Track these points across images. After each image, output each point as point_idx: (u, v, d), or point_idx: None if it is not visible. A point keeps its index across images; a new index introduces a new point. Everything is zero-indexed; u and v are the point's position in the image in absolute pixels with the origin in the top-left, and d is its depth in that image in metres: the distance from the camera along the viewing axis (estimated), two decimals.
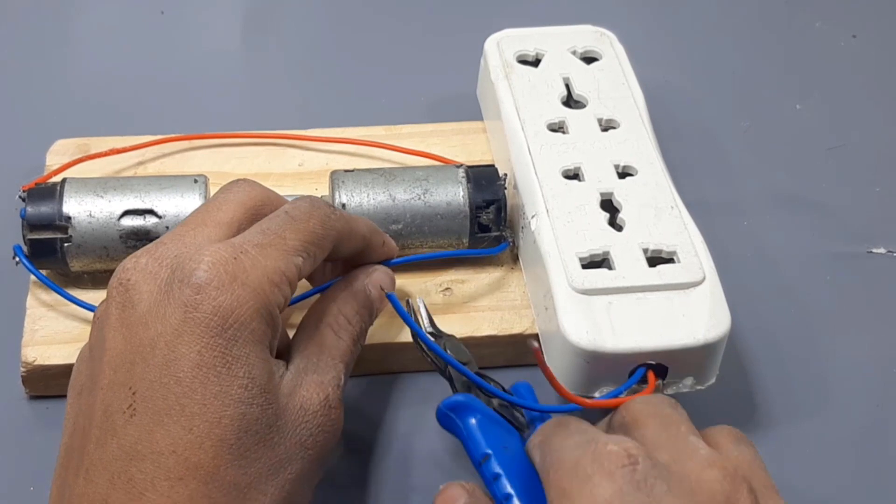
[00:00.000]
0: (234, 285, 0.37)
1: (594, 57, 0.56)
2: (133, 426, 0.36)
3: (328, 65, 0.65)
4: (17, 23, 0.66)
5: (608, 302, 0.45)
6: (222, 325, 0.36)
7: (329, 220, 0.42)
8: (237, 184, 0.42)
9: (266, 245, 0.39)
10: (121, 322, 0.37)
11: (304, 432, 0.38)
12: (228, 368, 0.36)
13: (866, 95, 0.65)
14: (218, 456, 0.35)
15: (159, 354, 0.36)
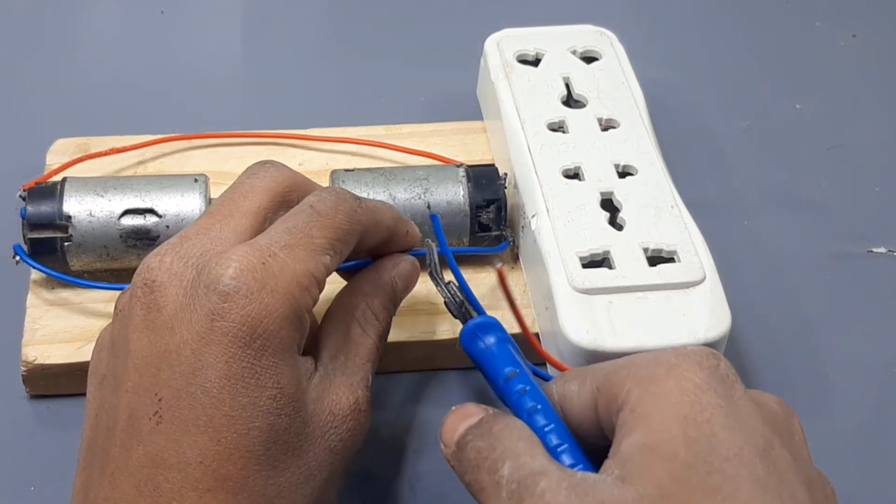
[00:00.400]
0: (262, 293, 0.36)
1: (594, 56, 0.56)
2: (159, 434, 0.35)
3: (328, 65, 0.65)
4: (17, 23, 0.66)
5: (608, 301, 0.45)
6: (251, 334, 0.35)
7: (355, 213, 0.40)
8: (263, 167, 0.41)
9: (294, 246, 0.37)
10: (145, 324, 0.36)
11: (335, 437, 0.38)
12: (257, 379, 0.35)
13: (866, 95, 0.65)
14: (246, 467, 0.35)
15: (185, 362, 0.35)
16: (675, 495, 0.31)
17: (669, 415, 0.33)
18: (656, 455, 0.32)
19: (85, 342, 0.47)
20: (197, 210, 0.49)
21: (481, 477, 0.35)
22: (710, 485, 0.31)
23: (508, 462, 0.34)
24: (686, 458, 0.32)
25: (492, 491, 0.34)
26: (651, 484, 0.32)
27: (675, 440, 0.32)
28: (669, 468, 0.32)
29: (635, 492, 0.32)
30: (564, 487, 0.32)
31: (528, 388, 0.38)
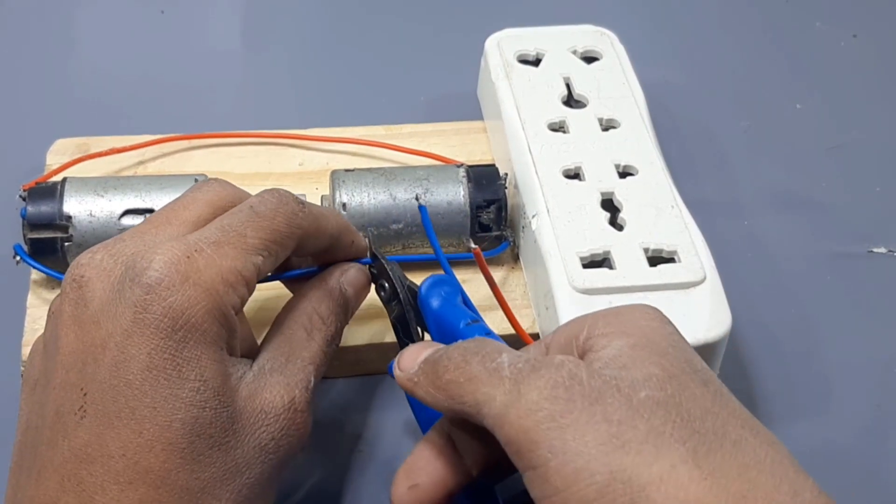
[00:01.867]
0: (185, 285, 0.36)
1: (595, 56, 0.56)
2: (83, 428, 0.35)
3: (328, 65, 0.65)
4: (18, 23, 0.66)
5: (609, 301, 0.45)
6: (172, 326, 0.35)
7: (296, 217, 0.40)
8: (208, 183, 0.41)
9: (224, 243, 0.37)
10: (73, 319, 0.36)
11: (265, 436, 0.37)
12: (179, 371, 0.35)
13: (866, 95, 0.65)
14: (168, 460, 0.35)
15: (109, 356, 0.35)
16: (677, 377, 0.33)
17: (644, 327, 0.35)
18: (648, 350, 0.34)
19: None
20: None
21: (470, 369, 0.34)
22: (700, 379, 0.34)
23: (506, 353, 0.34)
24: (675, 355, 0.34)
25: (486, 377, 0.34)
26: (654, 367, 0.33)
27: (660, 341, 0.34)
28: (663, 361, 0.34)
29: (640, 373, 0.33)
30: (580, 366, 0.33)
31: (489, 332, 0.39)
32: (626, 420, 0.31)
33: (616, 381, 0.33)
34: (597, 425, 0.31)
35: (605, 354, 0.34)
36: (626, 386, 0.32)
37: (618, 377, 0.33)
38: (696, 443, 0.31)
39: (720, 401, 0.33)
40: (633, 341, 0.34)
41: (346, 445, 0.46)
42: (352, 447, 0.46)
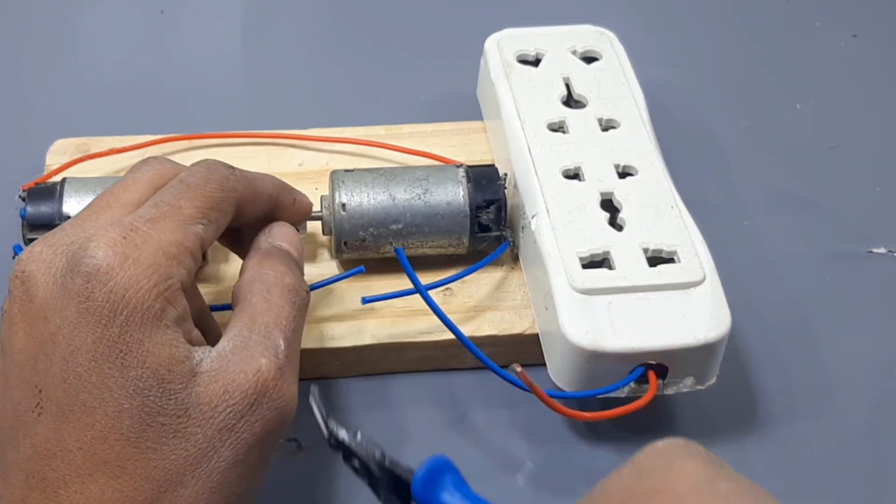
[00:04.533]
0: (124, 266, 0.35)
1: (594, 57, 0.56)
2: (42, 425, 0.35)
3: (328, 65, 0.65)
4: (18, 23, 0.66)
5: (608, 302, 0.45)
6: (114, 310, 0.35)
7: (228, 181, 0.40)
8: (147, 162, 0.41)
9: (159, 218, 0.37)
10: (21, 316, 0.36)
11: (231, 416, 0.36)
12: (122, 359, 0.35)
13: (866, 95, 0.65)
14: (123, 451, 0.34)
15: (59, 349, 0.35)
16: None
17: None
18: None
19: None
20: None
21: None
22: None
23: None
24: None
25: None
26: None
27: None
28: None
29: None
30: None
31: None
32: None
33: None
34: None
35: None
36: None
37: None
38: None
39: None
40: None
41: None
42: None
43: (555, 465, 0.47)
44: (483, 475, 0.46)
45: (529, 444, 0.47)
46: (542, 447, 0.47)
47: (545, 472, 0.47)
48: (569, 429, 0.48)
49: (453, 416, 0.48)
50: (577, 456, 0.47)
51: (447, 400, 0.48)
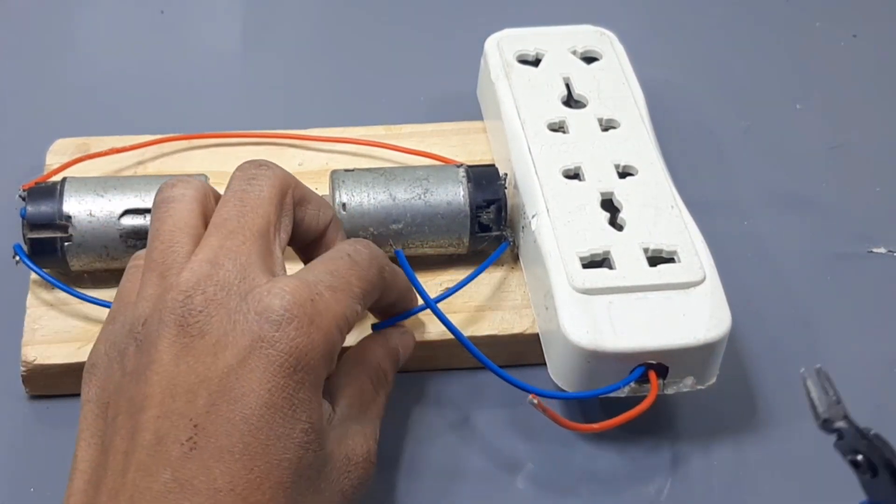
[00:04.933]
0: (311, 328, 0.36)
1: (594, 57, 0.56)
2: (191, 460, 0.35)
3: (328, 65, 0.65)
4: (18, 22, 0.66)
5: (608, 301, 0.45)
6: (294, 366, 0.36)
7: (384, 270, 0.42)
8: (260, 171, 0.41)
9: (337, 289, 0.39)
10: (184, 348, 0.36)
11: (346, 482, 0.38)
12: (294, 411, 0.36)
13: (866, 95, 0.65)
14: (273, 499, 0.35)
15: (227, 388, 0.35)
16: None
17: None
18: None
19: (85, 342, 0.47)
20: None
21: None
22: None
23: None
24: None
25: None
26: None
27: None
28: None
29: None
30: None
31: None
32: None
33: None
34: None
35: None
36: None
37: None
38: None
39: None
40: None
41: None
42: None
43: (555, 465, 0.47)
44: (483, 475, 0.46)
45: (529, 445, 0.47)
46: (542, 447, 0.47)
47: (545, 473, 0.47)
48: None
49: (453, 416, 0.48)
50: (577, 456, 0.47)
51: (447, 400, 0.48)
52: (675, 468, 0.47)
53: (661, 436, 0.48)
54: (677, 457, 0.47)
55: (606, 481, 0.46)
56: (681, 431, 0.48)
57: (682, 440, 0.48)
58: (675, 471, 0.47)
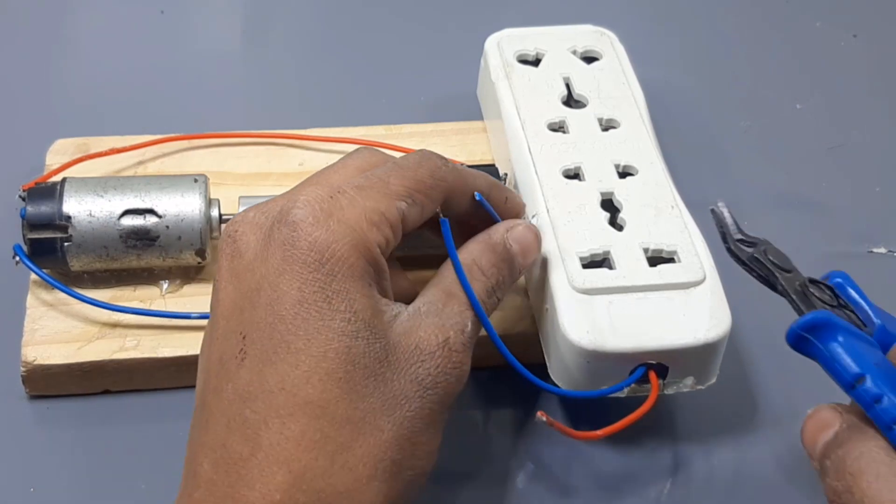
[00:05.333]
0: (329, 221, 0.37)
1: (594, 57, 0.56)
2: (245, 369, 0.36)
3: (328, 65, 0.65)
4: (17, 23, 0.66)
5: (609, 301, 0.45)
6: (319, 259, 0.37)
7: (439, 170, 0.41)
8: (359, 151, 0.43)
9: (366, 187, 0.39)
10: (230, 272, 0.38)
11: (421, 371, 0.38)
12: (329, 303, 0.36)
13: (866, 95, 0.65)
14: (326, 390, 0.35)
15: (264, 296, 0.37)
16: None
17: None
18: None
19: (84, 343, 0.47)
20: (197, 210, 0.48)
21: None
22: None
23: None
24: None
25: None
26: None
27: None
28: None
29: None
30: None
31: (882, 395, 0.35)
32: None
33: None
34: None
35: None
36: None
37: None
38: None
39: None
40: None
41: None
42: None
43: (555, 464, 0.47)
44: (483, 475, 0.46)
45: (530, 444, 0.47)
46: (542, 447, 0.47)
47: (546, 473, 0.47)
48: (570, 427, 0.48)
49: (454, 416, 0.48)
50: (577, 456, 0.47)
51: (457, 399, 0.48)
52: (676, 468, 0.47)
53: (661, 435, 0.48)
54: (678, 456, 0.47)
55: (607, 481, 0.46)
56: (681, 431, 0.48)
57: (682, 440, 0.48)
58: (675, 470, 0.47)
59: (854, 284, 0.40)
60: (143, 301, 0.49)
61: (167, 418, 0.47)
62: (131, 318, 0.48)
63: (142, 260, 0.49)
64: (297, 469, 0.35)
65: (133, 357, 0.47)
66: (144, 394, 0.48)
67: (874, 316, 0.39)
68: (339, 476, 0.35)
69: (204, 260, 0.49)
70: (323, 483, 0.35)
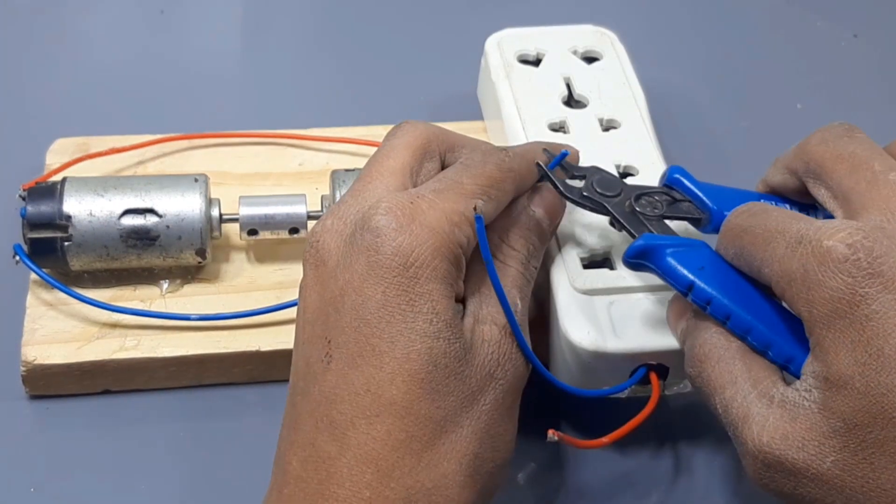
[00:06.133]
0: (412, 226, 0.38)
1: (595, 57, 0.56)
2: (331, 372, 0.37)
3: (328, 65, 0.65)
4: (18, 22, 0.66)
5: (609, 302, 0.45)
6: (403, 264, 0.37)
7: (504, 162, 0.42)
8: (401, 127, 0.43)
9: (443, 190, 0.40)
10: (315, 280, 0.39)
11: (491, 363, 0.39)
12: (412, 305, 0.37)
13: (867, 95, 0.65)
14: (410, 391, 0.36)
15: (349, 301, 0.37)
16: (860, 426, 0.34)
17: (840, 346, 0.35)
18: (836, 389, 0.34)
19: (84, 342, 0.47)
20: (197, 210, 0.48)
21: (704, 393, 0.39)
22: (886, 405, 0.34)
23: (718, 392, 0.38)
24: (860, 388, 0.34)
25: (713, 409, 0.39)
26: (838, 418, 0.34)
27: (849, 370, 0.34)
28: (849, 401, 0.34)
29: (828, 425, 0.34)
30: (771, 418, 0.36)
31: (710, 297, 0.39)
32: None
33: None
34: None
35: (812, 363, 0.36)
36: None
37: (806, 435, 0.36)
38: None
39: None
40: (828, 373, 0.35)
41: None
42: None
43: (556, 464, 0.47)
44: None
45: (530, 444, 0.47)
46: (542, 447, 0.47)
47: (545, 472, 0.47)
48: (570, 428, 0.48)
49: None
50: (578, 455, 0.47)
51: None
52: (677, 468, 0.47)
53: (661, 436, 0.48)
54: (678, 456, 0.47)
55: (607, 481, 0.46)
56: (680, 431, 0.48)
57: (682, 440, 0.48)
58: (676, 470, 0.47)
59: (691, 177, 0.44)
60: (143, 301, 0.49)
61: (167, 418, 0.47)
62: (131, 318, 0.48)
63: (142, 260, 0.49)
64: (385, 467, 0.36)
65: (133, 357, 0.47)
66: (144, 394, 0.48)
67: (710, 202, 0.43)
68: (426, 473, 0.36)
69: (204, 260, 0.49)
70: (410, 480, 0.36)
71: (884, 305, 0.34)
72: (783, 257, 0.36)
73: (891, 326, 0.34)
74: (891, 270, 0.34)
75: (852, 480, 0.34)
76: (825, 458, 0.35)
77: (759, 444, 0.36)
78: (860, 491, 0.34)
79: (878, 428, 0.34)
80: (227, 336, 0.48)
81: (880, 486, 0.34)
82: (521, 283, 0.42)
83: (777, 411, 0.36)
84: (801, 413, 0.35)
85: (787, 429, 0.35)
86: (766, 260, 0.37)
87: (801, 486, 0.35)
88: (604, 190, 0.44)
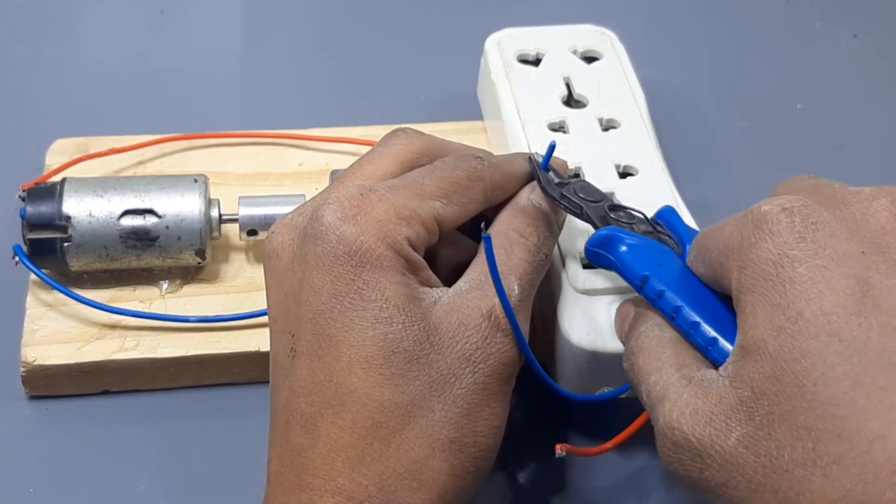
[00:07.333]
0: (358, 217, 0.38)
1: (595, 56, 0.56)
2: (296, 366, 0.37)
3: (328, 65, 0.65)
4: (18, 22, 0.66)
5: (609, 302, 0.45)
6: (348, 252, 0.37)
7: (474, 170, 0.41)
8: (396, 135, 0.43)
9: (398, 187, 0.39)
10: (272, 275, 0.40)
11: (468, 346, 0.38)
12: (360, 294, 0.37)
13: (867, 95, 0.65)
14: (369, 378, 0.36)
15: (304, 294, 0.38)
16: (767, 395, 0.32)
17: (759, 309, 0.33)
18: (749, 356, 0.33)
19: (84, 343, 0.47)
20: (197, 210, 0.48)
21: (634, 383, 0.38)
22: (798, 372, 0.31)
23: (645, 378, 0.37)
24: (773, 352, 0.32)
25: (640, 397, 0.37)
26: (746, 387, 0.33)
27: (763, 334, 0.32)
28: (760, 367, 0.32)
29: (736, 396, 0.33)
30: (685, 395, 0.34)
31: (662, 290, 0.38)
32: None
33: None
34: None
35: (736, 342, 0.35)
36: None
37: (714, 409, 0.34)
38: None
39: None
40: (743, 340, 0.34)
41: None
42: None
43: (555, 465, 0.47)
44: None
45: (530, 444, 0.47)
46: (542, 447, 0.47)
47: (545, 472, 0.47)
48: (570, 428, 0.48)
49: None
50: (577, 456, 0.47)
51: None
52: None
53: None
54: None
55: (607, 481, 0.46)
56: None
57: None
58: None
59: (677, 217, 0.44)
60: (142, 301, 0.49)
61: (167, 418, 0.47)
62: (131, 319, 0.48)
63: (142, 260, 0.49)
64: (355, 455, 0.36)
65: (133, 357, 0.47)
66: (144, 394, 0.48)
67: (687, 242, 0.42)
68: (397, 458, 0.36)
69: (204, 260, 0.49)
70: (382, 466, 0.36)
71: (811, 270, 0.32)
72: (729, 234, 0.35)
73: (814, 292, 0.32)
74: (824, 240, 0.33)
75: (755, 459, 0.32)
76: (730, 433, 0.32)
77: (668, 420, 0.34)
78: (762, 472, 0.32)
79: (786, 397, 0.31)
80: (226, 336, 0.48)
81: (782, 467, 0.31)
82: (523, 271, 0.40)
83: (692, 389, 0.34)
84: (713, 388, 0.34)
85: (698, 404, 0.34)
86: (716, 244, 0.36)
87: (706, 468, 0.33)
88: (585, 195, 0.43)
